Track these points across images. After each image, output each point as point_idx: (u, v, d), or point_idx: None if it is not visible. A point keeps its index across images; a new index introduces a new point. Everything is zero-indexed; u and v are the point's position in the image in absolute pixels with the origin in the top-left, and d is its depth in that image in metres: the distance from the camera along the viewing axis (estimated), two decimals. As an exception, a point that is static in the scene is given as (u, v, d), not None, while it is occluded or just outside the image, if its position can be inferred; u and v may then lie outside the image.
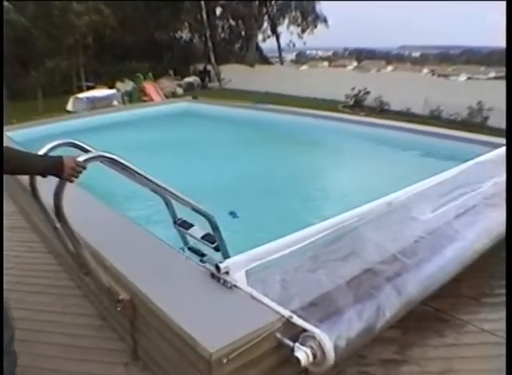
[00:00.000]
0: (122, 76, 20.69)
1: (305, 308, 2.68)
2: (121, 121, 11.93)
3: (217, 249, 3.20)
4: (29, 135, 9.20)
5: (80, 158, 2.57)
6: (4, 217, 5.96)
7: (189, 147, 10.07)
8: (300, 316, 2.58)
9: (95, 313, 3.80)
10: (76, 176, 2.55)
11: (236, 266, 2.98)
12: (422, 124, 10.13)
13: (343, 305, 2.80)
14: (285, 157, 8.94)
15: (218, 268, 2.92)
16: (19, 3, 19.28)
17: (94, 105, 15.60)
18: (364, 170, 7.88)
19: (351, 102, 16.98)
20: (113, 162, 2.86)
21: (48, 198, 3.00)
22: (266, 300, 2.70)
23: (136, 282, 2.97)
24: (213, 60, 27.30)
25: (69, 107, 16.03)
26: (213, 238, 3.24)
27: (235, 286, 2.86)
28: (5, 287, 4.22)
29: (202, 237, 3.31)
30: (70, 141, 3.26)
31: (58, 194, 2.63)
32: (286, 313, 2.58)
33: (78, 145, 3.30)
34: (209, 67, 27.55)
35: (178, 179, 7.08)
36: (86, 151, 3.25)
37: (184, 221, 3.58)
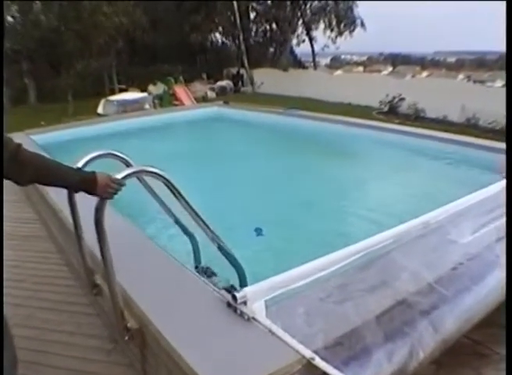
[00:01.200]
0: (154, 79, 20.62)
1: (329, 348, 2.40)
2: (150, 126, 11.75)
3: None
4: (54, 139, 9.12)
5: (119, 175, 2.41)
6: (22, 224, 5.84)
7: (217, 155, 9.81)
8: (323, 357, 2.30)
9: (106, 335, 3.57)
10: (115, 193, 2.42)
11: (255, 295, 2.71)
12: (460, 133, 9.68)
13: (371, 344, 2.51)
14: (317, 168, 8.58)
15: (234, 297, 2.66)
16: (49, 3, 19.29)
17: (125, 108, 15.50)
18: (404, 185, 7.47)
19: (386, 109, 16.54)
20: (158, 179, 2.67)
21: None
22: (286, 337, 2.42)
23: (146, 310, 2.72)
24: (246, 64, 27.08)
25: (100, 110, 15.96)
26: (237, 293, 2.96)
27: (253, 318, 2.59)
28: (16, 301, 4.08)
29: (225, 289, 3.04)
30: (110, 152, 3.09)
31: (99, 210, 2.45)
32: (308, 353, 2.30)
33: (118, 156, 3.11)
34: (242, 71, 27.36)
35: (203, 189, 6.93)
36: (127, 162, 3.06)
37: (207, 268, 3.37)
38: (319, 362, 2.27)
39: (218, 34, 32.68)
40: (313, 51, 34.06)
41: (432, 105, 14.97)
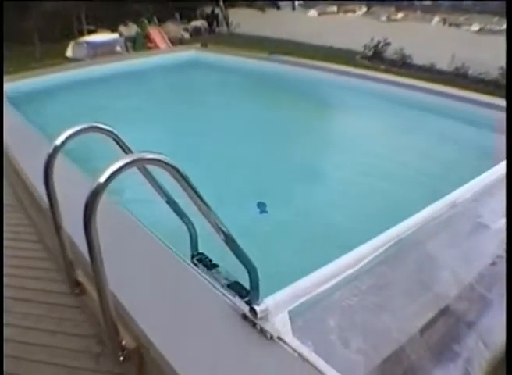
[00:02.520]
0: (125, 20, 19.46)
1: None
2: (123, 72, 10.89)
3: (248, 304, 2.41)
4: (21, 89, 8.38)
5: (112, 167, 1.81)
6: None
7: (195, 106, 9.08)
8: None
9: (92, 334, 3.10)
10: None
11: (277, 306, 2.26)
12: (449, 83, 9.19)
13: (420, 369, 2.10)
14: (302, 121, 8.06)
15: (254, 311, 2.19)
16: None
17: (96, 51, 14.53)
18: (400, 143, 7.02)
19: (370, 53, 15.84)
20: (165, 168, 2.01)
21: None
22: (322, 364, 1.98)
23: (145, 326, 2.24)
24: (221, 3, 25.84)
25: (69, 53, 14.94)
26: (245, 292, 2.44)
27: (278, 338, 2.14)
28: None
29: (229, 286, 2.55)
30: (93, 124, 2.38)
31: (93, 199, 1.81)
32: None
33: (105, 130, 2.48)
34: (217, 10, 26.09)
35: (184, 147, 6.36)
36: (115, 138, 2.49)
37: (206, 257, 2.85)
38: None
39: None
40: (291, -11, 32.65)
41: (419, 52, 14.29)
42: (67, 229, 2.64)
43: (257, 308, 2.18)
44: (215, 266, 2.83)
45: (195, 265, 2.89)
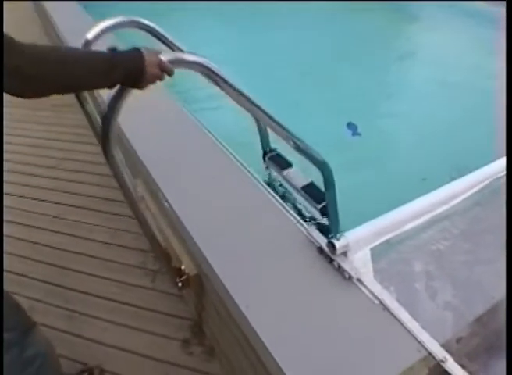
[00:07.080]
0: None
1: (462, 340, 1.70)
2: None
3: (324, 213, 2.14)
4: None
5: (165, 58, 1.42)
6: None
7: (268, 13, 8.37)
8: (458, 359, 1.60)
9: (150, 248, 2.95)
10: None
11: (358, 242, 1.98)
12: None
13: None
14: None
15: (332, 246, 1.91)
16: None
17: None
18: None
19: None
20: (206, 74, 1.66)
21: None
22: (405, 317, 1.71)
23: (209, 253, 1.97)
24: None
25: None
26: (320, 195, 2.15)
27: (358, 280, 1.86)
28: (46, 196, 3.46)
29: (303, 188, 2.26)
30: (134, 19, 2.03)
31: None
32: (437, 352, 1.60)
33: (146, 25, 2.11)
34: None
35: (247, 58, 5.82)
36: (158, 35, 2.15)
37: (279, 156, 2.55)
38: (453, 366, 1.58)
39: None
40: None
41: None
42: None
43: (337, 244, 1.90)
44: (290, 165, 2.56)
45: (266, 165, 2.68)
